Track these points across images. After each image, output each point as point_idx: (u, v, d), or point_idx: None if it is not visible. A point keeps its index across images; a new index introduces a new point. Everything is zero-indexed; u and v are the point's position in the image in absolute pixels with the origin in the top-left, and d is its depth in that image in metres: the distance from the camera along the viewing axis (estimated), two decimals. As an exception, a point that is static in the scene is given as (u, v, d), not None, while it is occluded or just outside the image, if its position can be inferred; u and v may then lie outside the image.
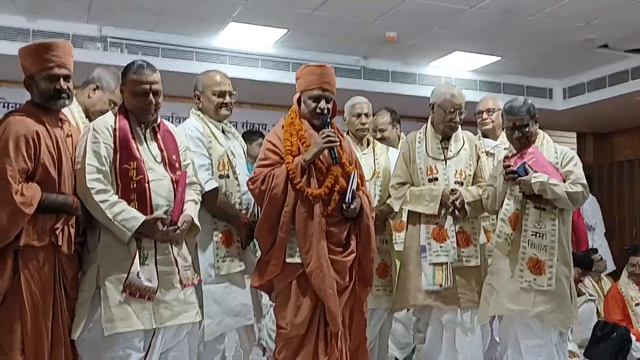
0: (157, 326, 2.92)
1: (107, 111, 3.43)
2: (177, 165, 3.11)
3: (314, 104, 3.36)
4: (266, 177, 3.25)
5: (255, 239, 3.47)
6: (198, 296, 3.26)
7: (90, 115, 3.47)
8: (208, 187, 3.35)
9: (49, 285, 2.76)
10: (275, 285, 3.33)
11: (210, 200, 3.35)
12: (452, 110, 3.85)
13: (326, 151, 3.29)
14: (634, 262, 5.52)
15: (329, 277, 3.20)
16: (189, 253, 3.15)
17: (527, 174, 3.47)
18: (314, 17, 6.28)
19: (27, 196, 2.68)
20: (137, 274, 2.85)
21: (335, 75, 3.48)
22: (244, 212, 3.52)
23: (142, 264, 2.89)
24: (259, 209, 3.39)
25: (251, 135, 5.76)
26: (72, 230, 2.83)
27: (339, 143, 3.33)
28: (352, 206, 3.28)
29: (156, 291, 2.91)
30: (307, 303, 3.23)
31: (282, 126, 3.41)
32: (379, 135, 4.53)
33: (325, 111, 3.37)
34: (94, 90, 3.48)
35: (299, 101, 3.45)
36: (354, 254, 3.33)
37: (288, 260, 3.25)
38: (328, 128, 3.32)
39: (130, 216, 2.86)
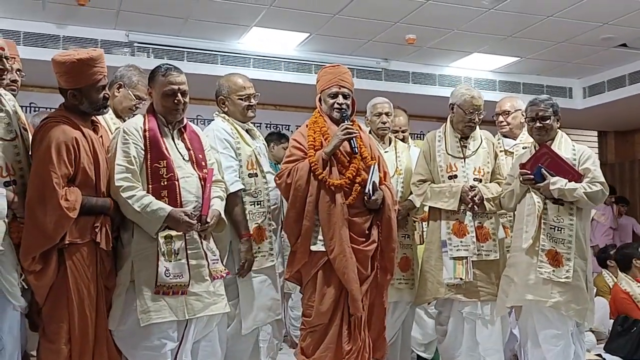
0: (189, 317, 3.07)
1: (134, 106, 3.59)
2: (203, 164, 3.26)
3: (332, 100, 3.60)
4: (290, 172, 3.47)
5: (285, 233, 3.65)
6: (232, 290, 3.44)
7: (119, 113, 3.63)
8: (233, 189, 3.49)
9: (92, 278, 2.92)
10: (303, 276, 3.51)
11: (232, 202, 3.49)
12: (471, 111, 3.98)
13: (346, 142, 3.47)
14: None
15: (351, 262, 3.38)
16: (216, 247, 3.29)
17: (544, 179, 3.57)
18: (335, 21, 6.42)
19: (71, 201, 2.83)
20: (165, 273, 3.00)
21: (356, 76, 3.66)
22: (274, 207, 3.68)
23: (173, 259, 3.04)
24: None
25: (280, 138, 5.86)
26: (109, 228, 3.00)
27: (357, 134, 3.52)
28: (373, 197, 3.45)
29: (188, 285, 3.06)
30: (331, 292, 3.41)
31: (307, 125, 3.63)
32: (400, 136, 4.65)
33: (344, 106, 3.58)
34: (118, 89, 3.63)
35: (320, 101, 3.68)
36: (376, 244, 3.50)
37: (313, 248, 3.43)
38: (347, 122, 3.51)
39: (157, 207, 3.00)
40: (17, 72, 3.37)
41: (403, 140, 4.65)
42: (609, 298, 5.78)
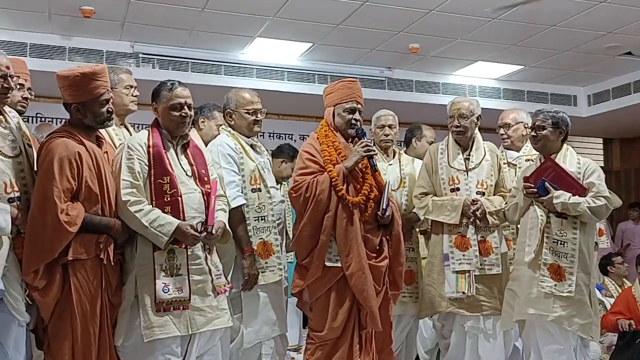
0: (192, 332, 3.08)
1: (130, 102, 3.56)
2: (206, 179, 3.27)
3: (349, 116, 3.58)
4: (309, 185, 3.43)
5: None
6: (237, 303, 3.44)
7: (116, 114, 3.55)
8: (235, 204, 3.49)
9: (96, 294, 2.92)
10: (312, 291, 3.48)
11: (234, 217, 3.48)
12: (452, 114, 3.99)
13: (365, 159, 3.49)
14: None
15: (370, 279, 3.37)
16: (220, 262, 3.30)
17: (547, 192, 3.56)
18: (338, 31, 6.44)
19: (72, 216, 2.84)
20: (163, 289, 3.01)
21: (359, 85, 3.67)
22: (278, 221, 3.68)
23: (175, 274, 3.06)
24: (290, 218, 3.53)
25: (293, 156, 5.56)
26: (112, 244, 3.00)
27: (376, 152, 3.54)
28: (386, 214, 3.46)
29: (189, 299, 3.07)
30: (345, 307, 3.40)
31: (317, 138, 3.60)
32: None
33: (359, 123, 3.59)
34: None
35: (332, 114, 3.63)
36: (387, 259, 3.51)
37: (327, 264, 3.42)
38: (365, 138, 3.52)
39: (165, 222, 3.02)
40: (28, 90, 3.40)
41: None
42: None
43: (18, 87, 3.19)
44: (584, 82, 8.49)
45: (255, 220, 3.57)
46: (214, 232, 3.14)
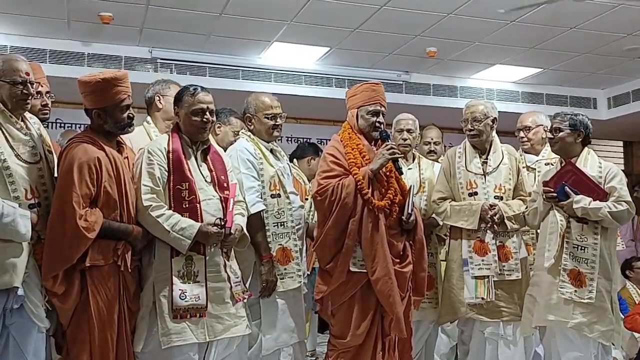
0: (210, 339, 3.07)
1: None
2: (225, 185, 3.27)
3: (373, 118, 3.57)
4: (334, 188, 3.40)
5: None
6: (255, 310, 3.43)
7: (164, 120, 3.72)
8: (254, 210, 3.48)
9: (114, 300, 2.93)
10: (334, 297, 3.45)
11: (253, 223, 3.46)
12: (466, 118, 3.97)
13: (390, 162, 3.47)
14: None
15: (395, 285, 3.34)
16: (239, 268, 3.29)
17: (567, 197, 3.52)
18: (355, 35, 6.43)
19: (91, 221, 2.85)
20: (180, 296, 3.01)
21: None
22: (298, 227, 3.66)
23: (192, 281, 3.06)
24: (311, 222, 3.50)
25: (317, 151, 5.59)
26: (130, 251, 3.00)
27: (402, 155, 3.51)
28: (411, 218, 3.43)
29: (206, 307, 3.06)
30: (368, 313, 3.38)
31: (340, 140, 3.58)
32: (432, 148, 4.64)
33: (382, 126, 3.57)
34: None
35: (356, 117, 3.61)
36: (411, 265, 3.48)
37: (352, 269, 3.39)
38: (389, 141, 3.50)
39: (187, 225, 3.03)
40: (47, 95, 3.42)
41: (435, 152, 4.64)
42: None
43: (37, 95, 3.21)
44: (603, 85, 8.41)
45: (274, 226, 3.55)
46: (232, 232, 3.13)
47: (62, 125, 7.40)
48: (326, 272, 3.45)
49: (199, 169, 3.23)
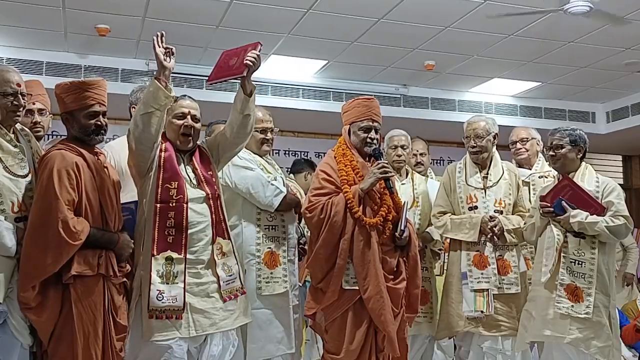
0: (197, 334, 3.01)
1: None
2: (213, 180, 3.24)
3: (364, 134, 3.49)
4: (324, 206, 3.35)
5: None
6: None
7: None
8: (277, 202, 3.56)
9: (99, 315, 2.83)
10: (327, 313, 3.39)
11: (285, 206, 3.59)
12: (467, 135, 3.97)
13: (382, 181, 3.42)
14: None
15: (387, 303, 3.28)
16: (236, 264, 3.22)
17: (564, 211, 3.49)
18: (353, 48, 6.42)
19: (78, 230, 2.77)
20: (157, 297, 2.96)
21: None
22: (289, 236, 3.68)
23: (171, 282, 2.99)
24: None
25: (312, 166, 5.64)
26: (114, 259, 2.93)
27: (393, 174, 3.47)
28: (404, 235, 3.38)
29: (182, 309, 2.99)
30: (362, 330, 3.31)
31: (334, 157, 3.53)
32: (415, 160, 4.61)
33: (375, 141, 3.51)
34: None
35: (348, 132, 3.57)
36: (405, 282, 3.42)
37: (345, 287, 3.33)
38: (382, 159, 3.45)
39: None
40: (38, 112, 3.40)
41: (422, 164, 4.61)
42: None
43: (28, 114, 3.19)
44: (602, 99, 8.39)
45: (265, 228, 3.58)
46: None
47: (59, 137, 7.35)
48: (318, 289, 3.39)
49: (186, 172, 3.20)
